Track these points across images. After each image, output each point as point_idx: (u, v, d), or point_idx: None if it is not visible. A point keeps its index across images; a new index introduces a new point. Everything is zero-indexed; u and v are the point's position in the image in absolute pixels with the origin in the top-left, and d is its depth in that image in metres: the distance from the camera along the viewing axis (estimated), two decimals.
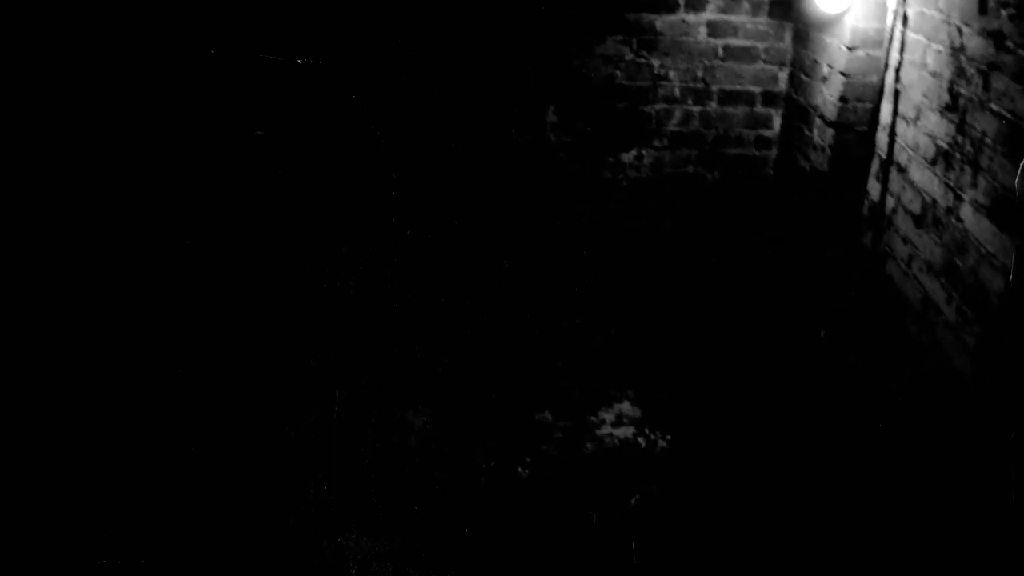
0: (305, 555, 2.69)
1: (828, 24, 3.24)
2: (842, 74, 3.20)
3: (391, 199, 2.92)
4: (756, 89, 3.72)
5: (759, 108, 3.75)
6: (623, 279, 3.20)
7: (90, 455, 2.46)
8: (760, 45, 3.66)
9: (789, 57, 3.66)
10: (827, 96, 3.30)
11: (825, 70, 3.31)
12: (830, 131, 3.28)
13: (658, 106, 3.64)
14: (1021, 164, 2.99)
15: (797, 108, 3.57)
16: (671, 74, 3.60)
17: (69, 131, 2.35)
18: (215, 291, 2.67)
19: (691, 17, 3.54)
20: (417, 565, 2.72)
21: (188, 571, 2.52)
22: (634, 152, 3.64)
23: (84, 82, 2.34)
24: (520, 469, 2.57)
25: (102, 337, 2.48)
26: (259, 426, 2.76)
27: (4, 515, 2.33)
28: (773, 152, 3.79)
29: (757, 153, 3.78)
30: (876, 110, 3.19)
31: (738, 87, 3.70)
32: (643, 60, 3.54)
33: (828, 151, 3.30)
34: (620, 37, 3.47)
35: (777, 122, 3.76)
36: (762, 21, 3.61)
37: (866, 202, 3.24)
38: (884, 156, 3.12)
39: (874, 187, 3.22)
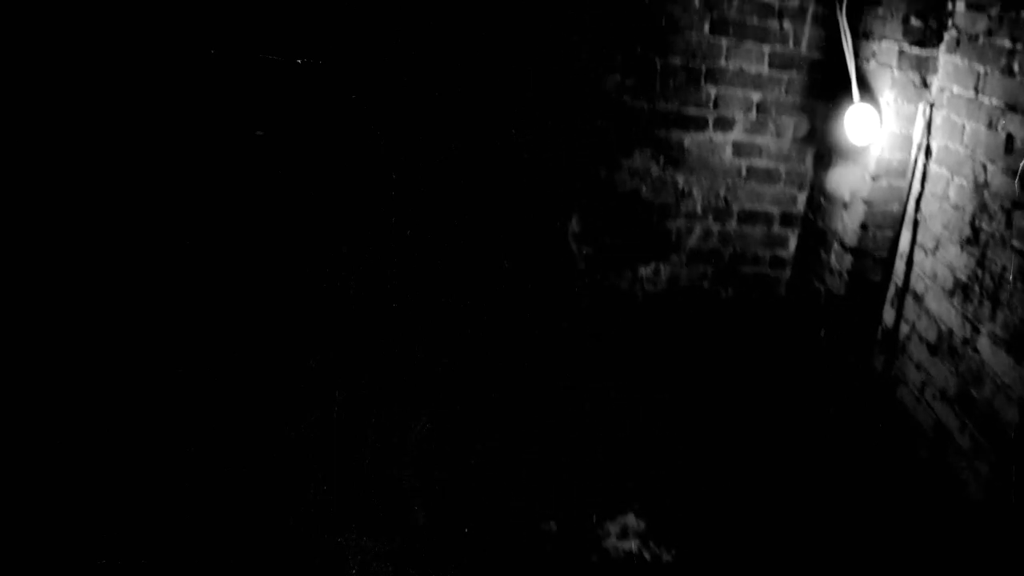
0: (305, 555, 2.69)
1: (852, 152, 3.31)
2: (864, 202, 3.26)
3: (391, 199, 2.92)
4: (775, 210, 3.80)
5: (776, 228, 3.82)
6: (633, 388, 3.22)
7: (90, 455, 2.46)
8: (782, 167, 3.74)
9: (809, 180, 3.75)
10: (847, 222, 3.37)
11: (847, 196, 3.38)
12: (848, 257, 3.35)
13: (679, 222, 3.70)
14: (1021, 164, 2.99)
15: (815, 231, 3.66)
16: (695, 191, 3.67)
17: (68, 131, 2.35)
18: (215, 291, 2.67)
19: (719, 136, 3.62)
20: (417, 565, 2.72)
21: (188, 571, 2.52)
22: (652, 266, 3.71)
23: (84, 82, 2.34)
24: None
25: (102, 337, 2.48)
26: (259, 426, 2.76)
27: (5, 515, 2.33)
28: (787, 272, 3.87)
29: (771, 273, 3.86)
30: (895, 238, 3.26)
31: (758, 207, 3.78)
32: (669, 176, 3.62)
33: (845, 276, 3.36)
34: (649, 152, 3.56)
35: (793, 243, 3.84)
36: (785, 144, 3.70)
37: (880, 327, 3.31)
38: (900, 284, 3.21)
39: (889, 313, 3.28)
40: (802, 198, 3.78)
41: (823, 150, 3.63)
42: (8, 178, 2.27)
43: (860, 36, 3.40)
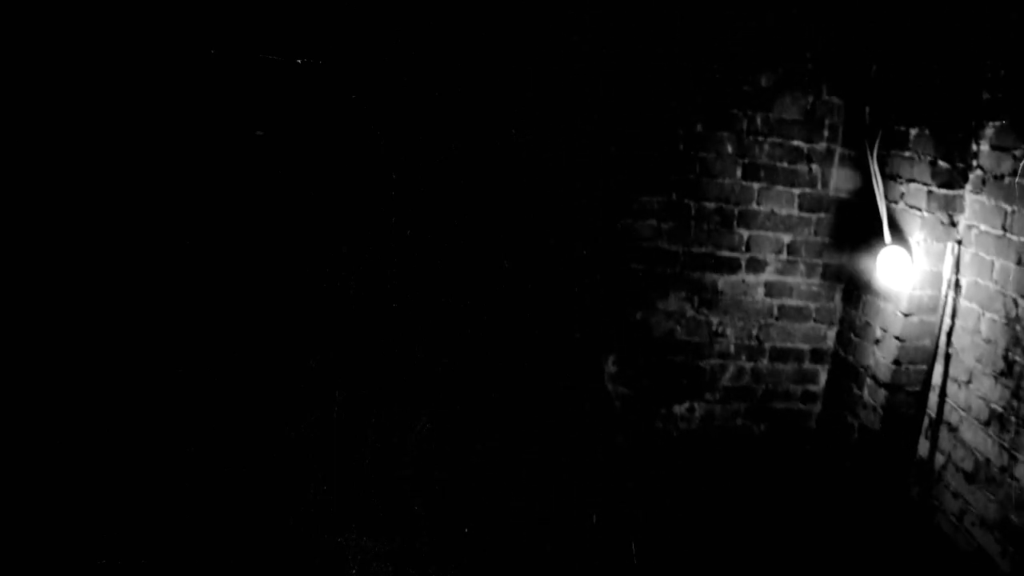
0: (305, 555, 2.68)
1: (884, 291, 3.44)
2: (897, 338, 3.37)
3: (391, 199, 2.92)
4: (805, 346, 3.92)
5: (807, 364, 3.94)
6: (666, 521, 3.27)
7: (90, 455, 2.46)
8: (812, 305, 3.88)
9: (838, 316, 3.89)
10: (880, 358, 3.48)
11: (878, 333, 3.51)
12: (882, 391, 3.45)
13: (713, 361, 3.80)
14: (1021, 164, 3.00)
15: (845, 366, 3.79)
16: (728, 331, 3.79)
17: (68, 131, 2.35)
18: (215, 291, 2.67)
19: (751, 278, 3.76)
20: (417, 565, 2.72)
21: (188, 571, 2.52)
22: (687, 405, 3.80)
23: (84, 81, 2.34)
24: None
25: (102, 337, 2.48)
26: (259, 426, 2.76)
27: (5, 515, 2.33)
28: (817, 407, 3.98)
29: (803, 407, 3.97)
30: (928, 372, 3.37)
31: (789, 345, 3.89)
32: (703, 317, 3.73)
33: (880, 410, 3.46)
34: (683, 294, 3.68)
35: (823, 378, 3.96)
36: (815, 282, 3.84)
37: (915, 458, 3.41)
38: (934, 415, 3.31)
39: (923, 444, 3.38)
40: (831, 334, 3.92)
41: (852, 288, 3.78)
42: (7, 178, 2.27)
43: (888, 178, 3.54)
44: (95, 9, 2.31)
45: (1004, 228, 2.97)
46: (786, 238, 3.78)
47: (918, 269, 3.29)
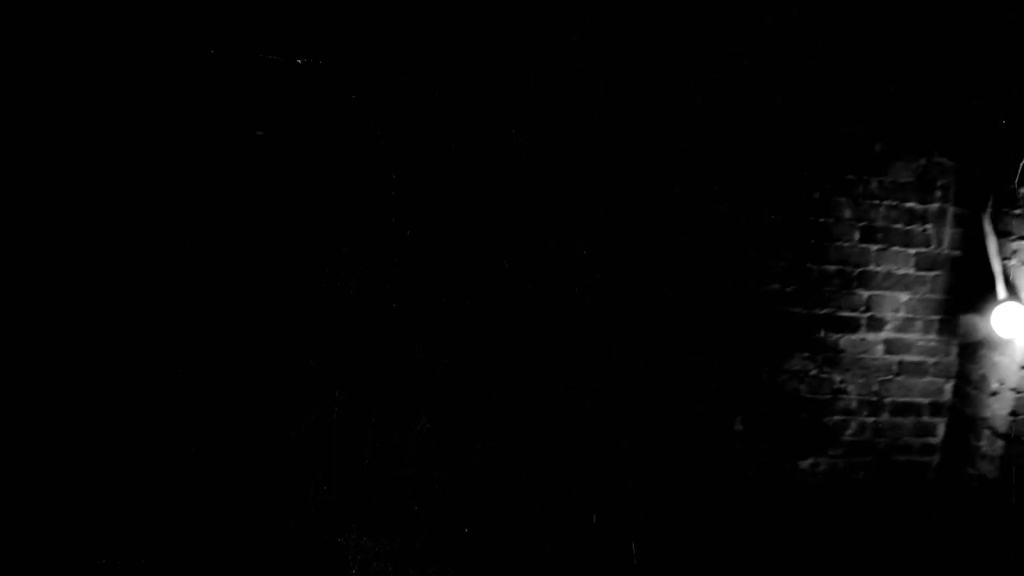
0: (305, 555, 2.68)
1: (1000, 345, 3.62)
2: (1013, 390, 3.53)
3: (391, 199, 2.92)
4: (924, 400, 4.05)
5: (926, 418, 4.06)
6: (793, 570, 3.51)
7: (90, 455, 2.46)
8: (930, 360, 4.02)
9: (955, 371, 4.04)
10: (997, 410, 3.64)
11: (995, 385, 3.68)
12: (1000, 442, 3.61)
13: (836, 417, 3.93)
14: (1021, 164, 3.02)
15: (963, 418, 3.94)
16: (850, 388, 3.93)
17: (67, 131, 2.35)
18: (215, 291, 2.67)
19: (870, 336, 3.93)
20: (417, 565, 2.72)
21: (188, 571, 2.52)
22: (811, 460, 3.92)
23: (83, 81, 2.34)
24: None
25: (102, 337, 2.48)
26: (259, 426, 2.76)
27: (5, 515, 2.33)
28: (936, 458, 4.10)
29: (921, 459, 4.10)
30: None
31: (908, 399, 4.02)
32: (825, 375, 3.88)
33: (998, 461, 3.61)
34: (806, 354, 3.84)
35: (941, 430, 4.09)
36: (932, 338, 4.01)
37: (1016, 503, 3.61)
38: None
39: None
40: (948, 388, 4.04)
41: (968, 343, 3.93)
42: (6, 179, 2.27)
43: (1000, 235, 3.72)
44: (94, 8, 2.31)
45: None
46: (903, 296, 3.94)
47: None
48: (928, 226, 3.89)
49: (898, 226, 3.87)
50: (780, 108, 3.59)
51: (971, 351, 3.90)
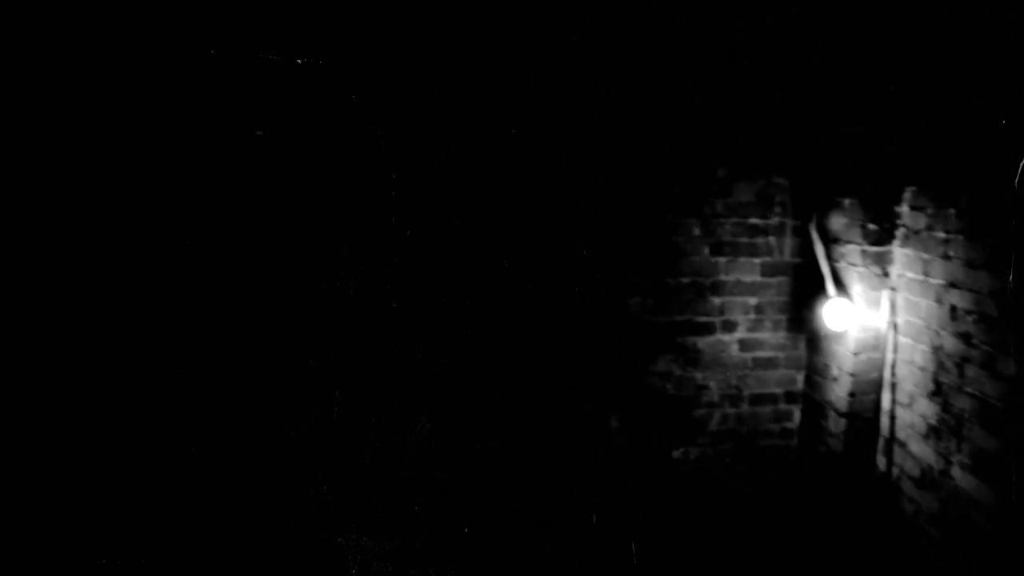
0: (305, 555, 2.68)
1: (836, 336, 4.11)
2: (850, 374, 3.98)
3: (391, 199, 2.92)
4: (779, 390, 4.54)
5: (782, 406, 4.55)
6: (667, 534, 3.74)
7: (91, 455, 2.46)
8: (781, 355, 4.50)
9: (804, 362, 4.52)
10: (838, 393, 4.10)
11: (835, 371, 4.14)
12: (843, 420, 4.04)
13: (701, 411, 4.39)
14: (1021, 164, 3.06)
15: (813, 403, 4.45)
16: (711, 384, 4.37)
17: (68, 131, 2.35)
18: (215, 291, 2.67)
19: (726, 337, 4.38)
20: (417, 565, 2.72)
21: (188, 571, 2.52)
22: (682, 450, 4.34)
23: (83, 81, 2.34)
24: None
25: (102, 337, 2.48)
26: (259, 426, 2.76)
27: (5, 515, 2.33)
28: (794, 441, 4.58)
29: (781, 443, 4.57)
30: (878, 400, 4.00)
31: (765, 390, 4.50)
32: (688, 374, 4.31)
33: (842, 437, 4.05)
34: (671, 357, 4.27)
35: (797, 416, 4.58)
36: (781, 335, 4.49)
37: (876, 473, 4.03)
38: (888, 435, 3.92)
39: (881, 460, 3.99)
40: (800, 378, 4.55)
41: (811, 337, 4.45)
42: (6, 179, 2.27)
43: (830, 241, 4.24)
44: (94, 8, 2.32)
45: (925, 274, 3.61)
46: (752, 300, 4.44)
47: (860, 315, 3.91)
48: (771, 238, 4.39)
49: (743, 239, 4.36)
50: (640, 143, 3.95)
51: (815, 343, 4.38)
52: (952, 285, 3.43)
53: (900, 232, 3.79)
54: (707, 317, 4.38)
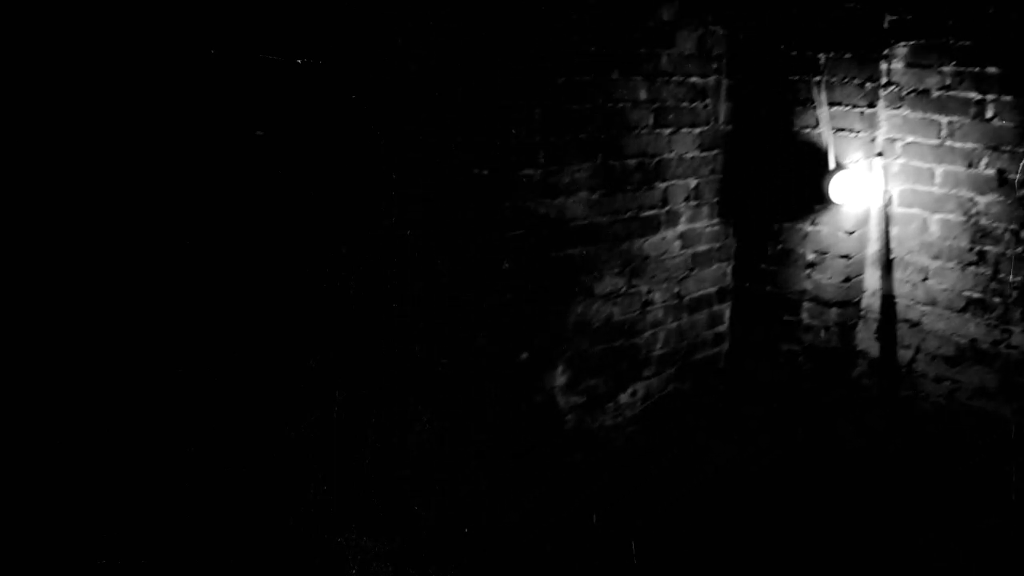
0: (305, 555, 2.69)
1: (819, 215, 3.54)
2: (843, 256, 3.50)
3: (391, 199, 2.92)
4: (713, 289, 3.89)
5: (716, 307, 3.92)
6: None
7: (90, 455, 2.46)
8: (715, 246, 3.83)
9: (733, 251, 3.88)
10: (823, 279, 3.58)
11: (811, 256, 3.61)
12: (834, 310, 3.57)
13: (647, 334, 3.64)
14: (1021, 165, 3.05)
15: (761, 298, 3.82)
16: (655, 296, 3.63)
17: (67, 131, 2.35)
18: (215, 291, 2.67)
19: (669, 233, 3.59)
20: (417, 565, 2.72)
21: (188, 571, 2.52)
22: (630, 391, 3.64)
23: (82, 81, 2.34)
24: None
25: (102, 337, 2.48)
26: (259, 426, 2.77)
27: (5, 515, 2.33)
28: (725, 346, 4.00)
29: (712, 351, 3.96)
30: (861, 282, 3.58)
31: (702, 291, 3.83)
32: (634, 289, 3.53)
33: (833, 328, 3.58)
34: (617, 270, 3.44)
35: (727, 316, 3.95)
36: (716, 223, 3.78)
37: (871, 362, 3.62)
38: (883, 318, 3.52)
39: (873, 346, 3.60)
40: (729, 271, 3.89)
41: (753, 220, 3.78)
42: (5, 179, 2.27)
43: (800, 104, 3.57)
44: (95, 8, 2.32)
45: (940, 137, 3.20)
46: (692, 182, 3.61)
47: (850, 187, 3.38)
48: (707, 101, 3.54)
49: (685, 104, 3.46)
50: None
51: (760, 229, 3.73)
52: (995, 148, 3.06)
53: (890, 92, 3.37)
54: (653, 210, 3.48)
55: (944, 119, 3.20)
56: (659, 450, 3.56)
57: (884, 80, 3.37)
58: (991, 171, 3.09)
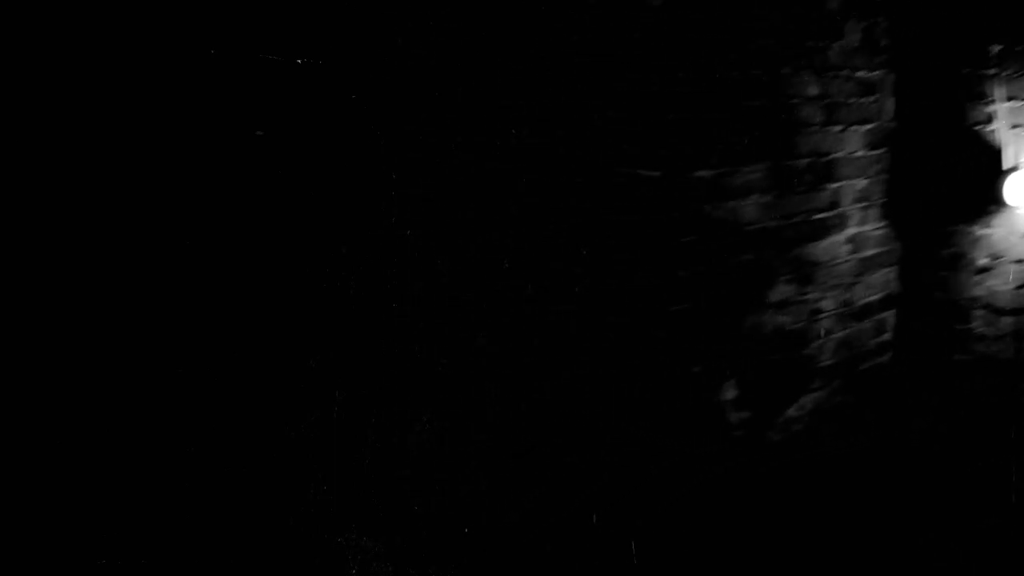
0: (305, 555, 2.69)
1: (991, 217, 3.34)
2: (1018, 262, 3.29)
3: (391, 199, 2.92)
4: (877, 296, 3.69)
5: (880, 315, 3.71)
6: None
7: (90, 454, 2.46)
8: (882, 250, 3.67)
9: (898, 256, 3.70)
10: (995, 286, 3.38)
11: (984, 261, 3.40)
12: (1008, 319, 3.37)
13: (814, 344, 3.47)
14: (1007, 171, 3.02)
15: (926, 305, 3.61)
16: (824, 303, 3.46)
17: (67, 132, 2.35)
18: (215, 291, 2.67)
19: (838, 236, 3.45)
20: (417, 565, 2.72)
21: (188, 571, 2.52)
22: (797, 404, 3.45)
23: (82, 81, 2.34)
24: None
25: (102, 337, 2.48)
26: (259, 426, 2.76)
27: (4, 515, 2.33)
28: (887, 356, 3.76)
29: (877, 361, 3.74)
30: None
31: (870, 299, 3.66)
32: (804, 297, 3.37)
33: (1009, 339, 3.34)
34: (787, 277, 3.27)
35: (890, 324, 3.75)
36: (883, 225, 3.62)
37: None
38: None
39: None
40: (894, 276, 3.71)
41: (923, 223, 3.58)
42: (5, 179, 2.27)
43: (973, 98, 3.34)
44: (95, 8, 2.32)
45: None
46: (861, 183, 3.46)
47: None
48: (875, 97, 3.41)
49: (853, 100, 3.35)
50: None
51: (929, 232, 3.54)
52: None
53: None
54: (823, 213, 3.34)
55: None
56: (824, 469, 3.44)
57: None
58: None
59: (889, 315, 3.71)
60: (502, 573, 2.75)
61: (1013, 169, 3.16)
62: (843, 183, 3.39)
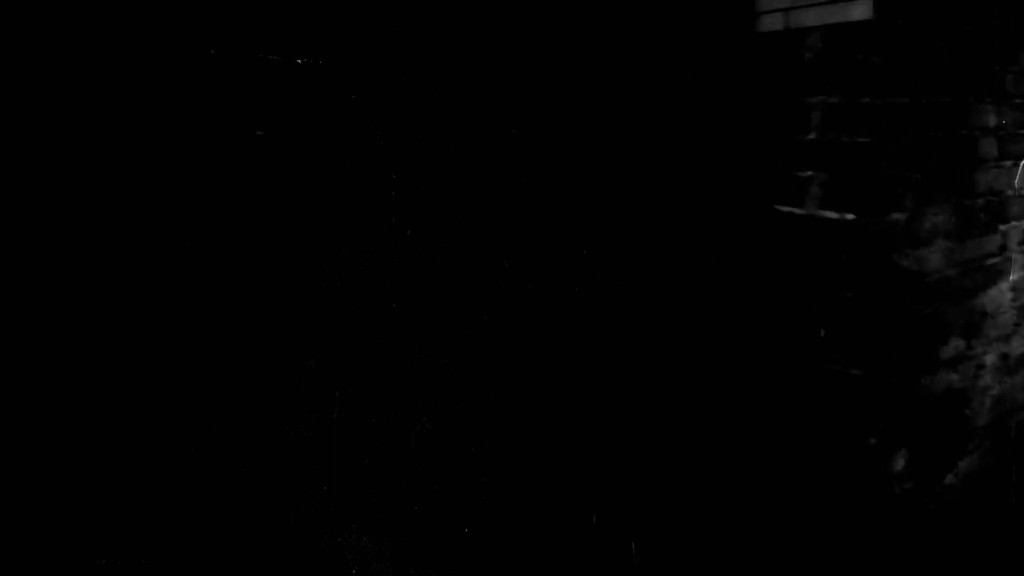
0: (305, 555, 2.68)
1: None
2: None
3: (391, 199, 2.92)
4: None
5: None
6: None
7: (90, 455, 2.46)
8: None
9: None
10: None
11: None
12: None
13: (974, 402, 3.04)
14: (1022, 163, 2.94)
15: None
16: (987, 357, 3.02)
17: (67, 132, 2.35)
18: (215, 291, 2.67)
19: (1004, 284, 3.08)
20: (417, 565, 2.72)
21: (188, 571, 2.52)
22: (954, 470, 3.03)
23: (82, 81, 2.34)
24: None
25: (102, 337, 2.48)
26: (259, 426, 2.76)
27: (4, 515, 2.33)
28: None
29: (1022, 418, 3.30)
30: None
31: (1022, 350, 3.25)
32: (972, 351, 2.97)
33: None
34: (960, 330, 2.90)
35: None
36: None
37: None
38: None
39: None
40: None
41: None
42: (5, 179, 2.27)
43: None
44: (94, 7, 2.32)
45: None
46: (1022, 224, 3.08)
47: None
48: None
49: (1020, 131, 2.96)
50: None
51: None
52: None
53: None
54: (993, 258, 2.94)
55: None
56: (979, 538, 3.13)
57: None
58: None
59: None
60: (502, 573, 2.75)
61: None
62: (1012, 224, 3.07)
